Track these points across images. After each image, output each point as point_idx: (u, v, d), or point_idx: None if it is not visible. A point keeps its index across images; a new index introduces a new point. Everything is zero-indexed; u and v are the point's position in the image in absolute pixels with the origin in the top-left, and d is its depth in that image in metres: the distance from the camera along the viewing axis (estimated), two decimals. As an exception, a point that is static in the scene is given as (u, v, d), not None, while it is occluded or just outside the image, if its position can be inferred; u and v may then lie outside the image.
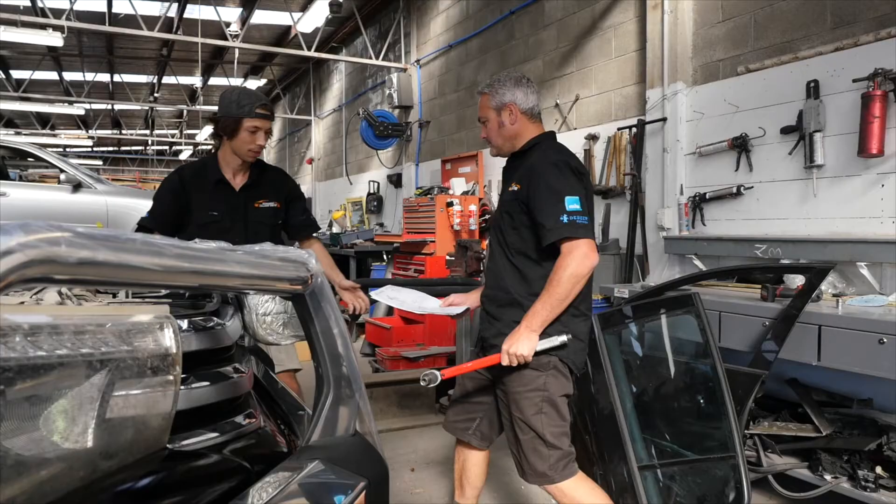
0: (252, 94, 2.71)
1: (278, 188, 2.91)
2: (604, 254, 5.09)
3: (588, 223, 2.09)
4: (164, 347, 0.90)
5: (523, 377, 2.18)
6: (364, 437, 1.08)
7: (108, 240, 0.64)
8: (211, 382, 1.03)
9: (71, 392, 0.77)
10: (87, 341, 0.82)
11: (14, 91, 14.52)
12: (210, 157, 2.84)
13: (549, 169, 2.14)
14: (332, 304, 1.03)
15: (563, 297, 2.08)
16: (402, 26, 9.94)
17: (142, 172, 28.07)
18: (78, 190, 7.10)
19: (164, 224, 2.74)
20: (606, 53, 5.73)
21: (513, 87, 2.29)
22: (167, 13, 9.90)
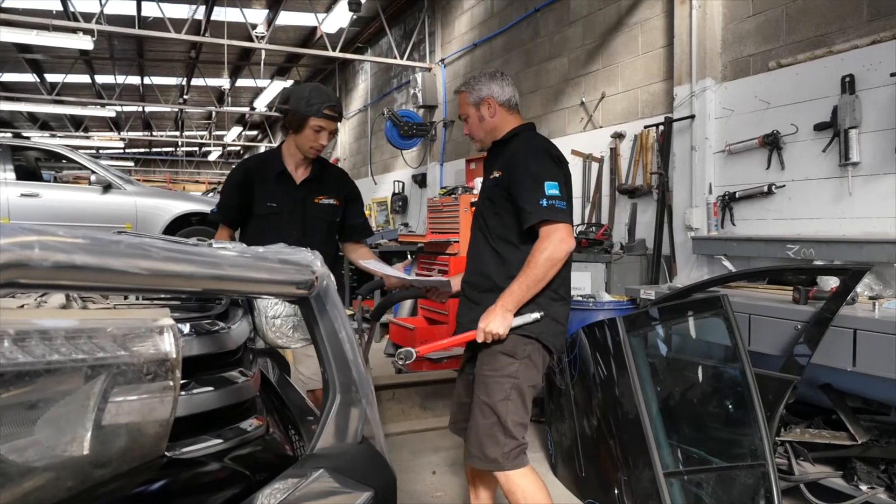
0: (323, 94, 2.71)
1: (339, 186, 2.92)
2: (630, 254, 5.00)
3: (566, 208, 2.15)
4: (162, 352, 0.87)
5: (497, 362, 2.22)
6: (371, 444, 1.04)
7: (89, 243, 0.61)
8: (214, 388, 1.00)
9: (60, 399, 0.74)
10: (81, 346, 0.79)
11: (48, 94, 14.82)
12: (275, 149, 2.89)
13: (529, 155, 2.21)
14: (338, 307, 0.99)
15: (539, 279, 2.13)
16: (427, 25, 9.92)
17: (172, 173, 28.50)
18: (108, 191, 7.21)
19: (231, 217, 2.80)
20: (633, 50, 5.62)
21: (488, 82, 2.36)
22: (194, 15, 10.01)
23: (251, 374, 1.11)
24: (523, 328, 2.20)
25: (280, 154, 2.84)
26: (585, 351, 3.33)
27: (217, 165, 30.36)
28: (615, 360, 3.08)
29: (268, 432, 1.11)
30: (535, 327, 2.21)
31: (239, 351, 1.13)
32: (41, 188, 7.12)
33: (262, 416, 1.10)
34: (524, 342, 2.23)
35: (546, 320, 2.23)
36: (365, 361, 3.55)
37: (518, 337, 2.22)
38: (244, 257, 0.84)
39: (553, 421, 3.69)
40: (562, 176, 2.20)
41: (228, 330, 1.09)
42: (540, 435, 4.18)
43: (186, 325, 1.02)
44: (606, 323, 3.17)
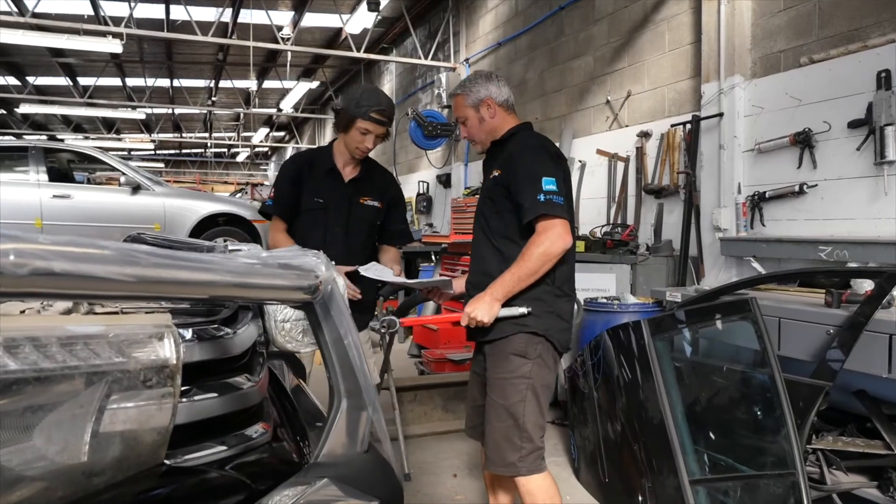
0: (374, 97, 2.71)
1: (383, 189, 2.92)
2: (656, 255, 4.91)
3: (564, 203, 2.15)
4: (161, 358, 0.84)
5: (510, 363, 2.20)
6: (378, 452, 1.01)
7: (69, 250, 0.59)
8: (217, 394, 0.98)
9: (52, 407, 0.72)
10: (77, 353, 0.77)
11: (80, 97, 15.12)
12: (327, 145, 2.92)
13: (526, 152, 2.22)
14: (343, 312, 0.96)
15: (532, 273, 2.13)
16: (451, 25, 9.89)
17: (202, 174, 28.90)
18: (137, 192, 7.32)
19: (285, 210, 2.83)
20: (659, 47, 5.53)
21: (485, 83, 2.36)
22: (221, 18, 10.11)
23: (257, 379, 1.08)
24: (528, 325, 2.19)
25: (331, 151, 2.87)
26: (609, 354, 3.27)
27: (245, 166, 30.73)
28: (640, 364, 3.02)
29: (274, 439, 1.08)
30: (540, 324, 2.20)
31: (245, 356, 1.11)
32: (73, 189, 7.26)
33: (268, 423, 1.07)
34: (534, 341, 2.21)
35: (551, 317, 2.23)
36: (386, 363, 3.54)
37: (528, 336, 2.21)
38: (242, 263, 0.81)
39: (576, 424, 3.63)
40: (560, 172, 2.21)
41: (232, 335, 1.07)
42: (563, 438, 4.12)
43: (189, 331, 1.00)
44: (631, 326, 3.11)
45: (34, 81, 15.01)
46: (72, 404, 0.75)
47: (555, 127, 7.07)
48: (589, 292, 4.59)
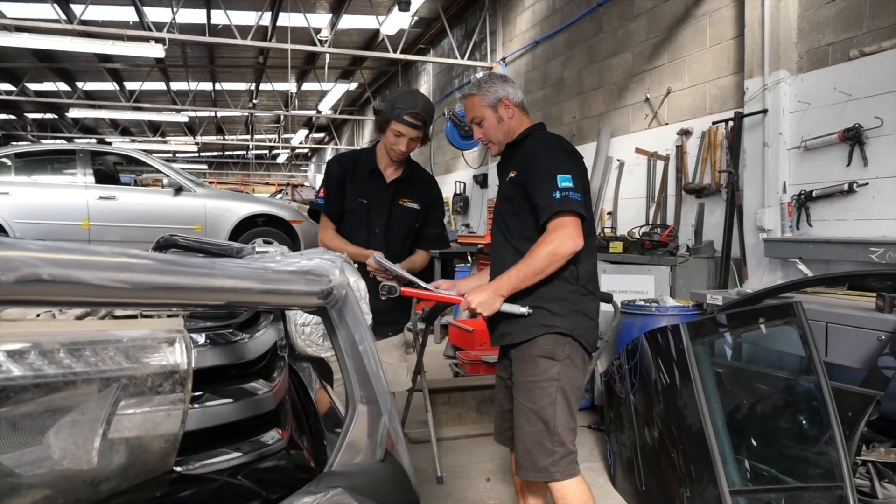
0: (410, 100, 2.71)
1: (423, 192, 2.92)
2: (696, 257, 4.78)
3: (581, 199, 2.11)
4: (171, 364, 0.83)
5: (537, 366, 2.17)
6: (394, 462, 0.98)
7: (59, 257, 0.57)
8: (232, 399, 0.96)
9: (57, 414, 0.71)
10: (86, 358, 0.76)
11: (127, 101, 15.55)
12: (370, 147, 2.94)
13: (541, 151, 2.21)
14: (358, 317, 0.93)
15: (537, 272, 2.10)
16: (488, 24, 9.85)
17: (244, 176, 29.43)
18: (179, 193, 7.47)
19: (336, 210, 2.87)
20: (701, 43, 5.38)
21: (503, 83, 2.35)
22: (260, 22, 10.26)
23: (274, 384, 1.06)
24: (555, 326, 2.16)
25: (374, 152, 2.89)
26: (647, 358, 3.19)
27: (285, 167, 31.18)
28: (678, 369, 2.93)
29: (291, 446, 1.06)
30: (566, 324, 2.17)
31: (262, 360, 1.09)
32: (118, 191, 7.45)
33: (285, 429, 1.05)
34: (562, 342, 2.18)
35: (577, 316, 2.19)
36: (419, 364, 3.51)
37: (555, 336, 2.17)
38: (248, 268, 0.79)
39: (612, 430, 3.55)
40: (576, 168, 2.18)
41: (247, 340, 1.05)
42: (599, 444, 4.04)
43: (202, 335, 0.98)
44: (669, 329, 3.03)
45: (83, 87, 15.49)
46: (77, 411, 0.74)
47: (593, 126, 6.96)
48: (627, 294, 4.49)
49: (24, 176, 7.27)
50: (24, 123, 20.15)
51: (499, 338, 2.33)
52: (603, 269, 4.83)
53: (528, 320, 2.19)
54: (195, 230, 7.45)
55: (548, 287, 2.18)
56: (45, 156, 7.79)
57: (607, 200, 6.57)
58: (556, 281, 2.18)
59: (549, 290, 2.18)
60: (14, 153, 7.60)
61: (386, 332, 2.88)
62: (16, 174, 7.25)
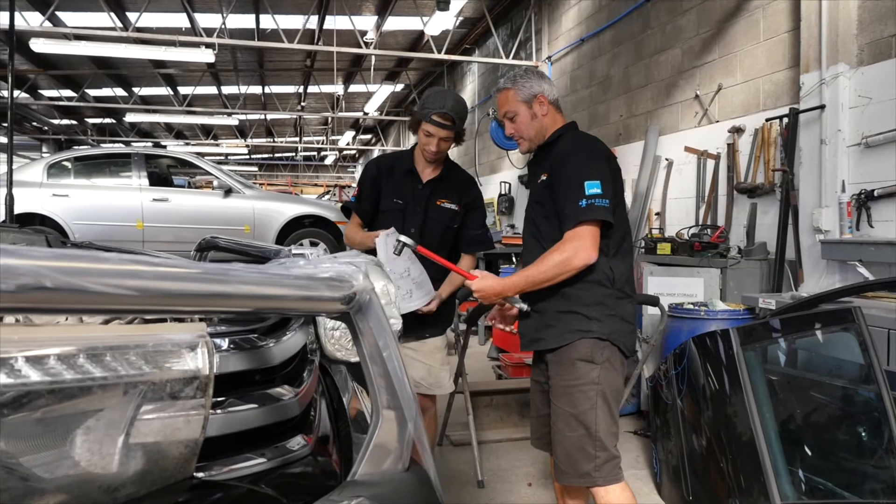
0: (439, 100, 2.69)
1: (461, 192, 2.88)
2: (748, 259, 4.61)
3: (608, 205, 2.06)
4: (192, 369, 0.82)
5: (577, 370, 2.13)
6: (420, 472, 0.95)
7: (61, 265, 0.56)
8: (256, 405, 0.95)
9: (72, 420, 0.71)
10: (105, 364, 0.75)
11: (180, 105, 16.00)
12: (409, 148, 2.94)
13: (571, 155, 2.15)
14: (382, 323, 0.91)
15: (545, 280, 2.08)
16: (533, 23, 9.76)
17: (293, 177, 29.94)
18: (229, 195, 7.62)
19: (367, 209, 2.89)
20: (753, 37, 5.19)
21: (538, 79, 2.29)
22: (306, 25, 10.40)
23: (300, 389, 1.05)
24: (592, 331, 2.12)
25: (412, 153, 2.88)
26: (695, 363, 3.09)
27: (333, 169, 31.60)
28: (728, 375, 2.83)
29: (318, 452, 1.04)
30: (604, 328, 2.13)
31: (287, 365, 1.08)
32: (170, 193, 7.65)
33: (311, 435, 1.03)
34: (600, 346, 2.13)
35: (615, 320, 2.15)
36: (460, 366, 3.48)
37: (592, 341, 2.12)
38: (264, 274, 0.77)
39: (659, 437, 3.46)
40: (607, 172, 2.12)
41: (272, 344, 1.04)
42: (645, 450, 3.93)
43: (225, 340, 0.97)
44: (719, 334, 2.92)
45: (139, 92, 16.01)
46: (95, 417, 0.73)
47: (640, 124, 6.81)
48: (674, 297, 4.36)
49: (83, 179, 7.53)
50: (85, 128, 20.97)
51: (530, 343, 2.29)
52: (650, 272, 4.71)
53: (561, 325, 2.15)
54: (244, 231, 7.59)
55: (582, 291, 2.14)
56: (101, 159, 8.06)
57: (655, 200, 6.42)
58: (591, 285, 2.14)
59: (584, 295, 2.13)
60: (73, 157, 7.89)
61: (423, 334, 2.86)
62: (75, 177, 7.52)
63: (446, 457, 3.90)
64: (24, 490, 0.66)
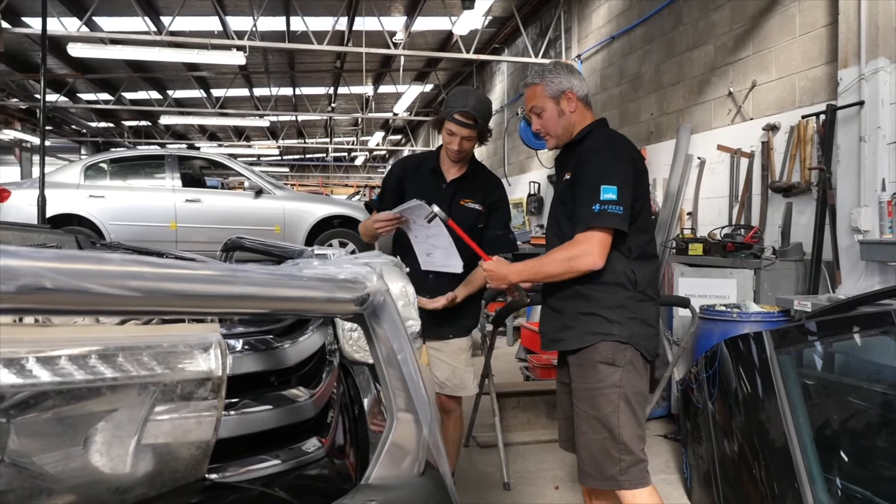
0: (460, 98, 2.68)
1: (485, 192, 2.86)
2: (783, 260, 4.50)
3: (622, 213, 2.02)
4: (205, 370, 0.81)
5: (598, 373, 2.10)
6: (435, 477, 0.93)
7: (61, 267, 0.55)
8: (271, 406, 0.94)
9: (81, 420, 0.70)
10: (117, 365, 0.75)
11: (213, 108, 16.25)
12: (437, 148, 2.94)
13: (592, 156, 2.12)
14: (397, 325, 0.89)
15: (550, 275, 2.11)
16: (563, 21, 9.68)
17: (324, 178, 30.18)
18: (259, 195, 7.71)
19: (387, 207, 2.88)
20: (789, 32, 5.06)
21: (568, 75, 2.24)
22: (336, 27, 10.47)
23: (316, 390, 1.04)
24: (613, 334, 2.10)
25: (438, 153, 2.88)
26: (727, 367, 3.02)
27: (364, 169, 31.78)
28: (761, 379, 2.75)
29: (334, 454, 1.03)
30: (625, 332, 2.10)
31: (304, 366, 1.07)
32: (202, 194, 7.77)
33: (326, 437, 1.02)
34: (621, 349, 2.10)
35: (636, 323, 2.12)
36: (487, 367, 3.45)
37: (613, 344, 2.10)
38: (273, 275, 0.76)
39: (689, 441, 3.39)
40: (629, 176, 2.08)
41: (287, 346, 1.03)
42: (675, 455, 3.86)
43: (239, 341, 0.97)
44: (752, 336, 2.85)
45: (173, 94, 16.30)
46: (105, 417, 0.73)
47: (671, 122, 6.69)
48: (706, 299, 4.28)
49: (119, 180, 7.68)
50: (122, 130, 21.43)
51: (550, 342, 2.27)
52: (681, 272, 4.63)
53: (581, 327, 2.12)
54: (274, 232, 7.67)
55: (603, 293, 2.11)
56: (136, 161, 8.22)
57: (687, 200, 6.30)
58: (612, 287, 2.10)
59: (605, 297, 2.10)
60: (109, 159, 8.06)
61: (447, 334, 2.84)
62: (111, 179, 7.67)
63: (473, 458, 3.87)
64: (34, 489, 0.66)
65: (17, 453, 0.67)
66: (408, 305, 1.17)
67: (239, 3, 10.03)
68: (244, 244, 2.39)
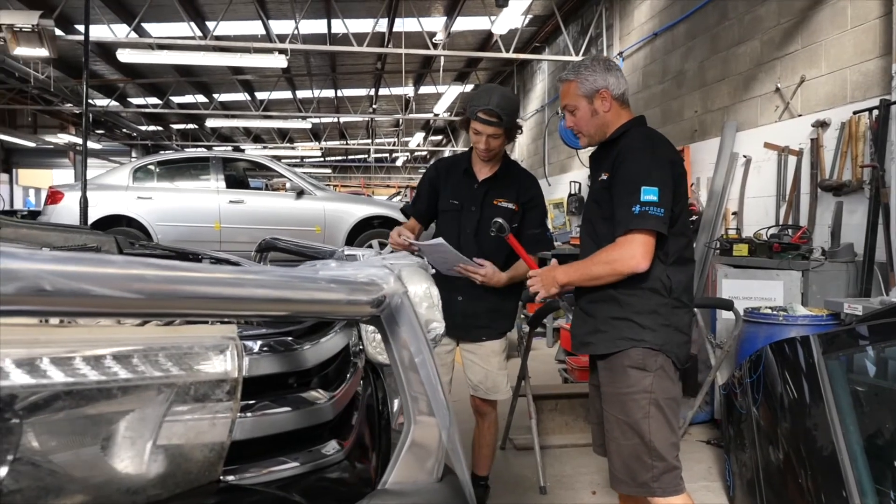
0: (484, 96, 2.65)
1: (519, 191, 2.83)
2: (833, 261, 4.33)
3: (663, 216, 1.96)
4: (220, 372, 0.81)
5: (629, 377, 2.06)
6: (453, 483, 0.91)
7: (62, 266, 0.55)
8: (288, 408, 0.94)
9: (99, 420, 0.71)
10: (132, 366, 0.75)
11: (257, 110, 16.55)
12: (469, 149, 2.93)
13: (631, 156, 2.06)
14: (414, 327, 0.87)
15: (594, 278, 2.05)
16: (604, 19, 9.56)
17: (366, 179, 30.45)
18: (301, 196, 7.81)
19: (421, 211, 2.92)
20: (840, 24, 4.88)
21: (604, 72, 2.15)
22: (376, 28, 10.53)
23: (336, 392, 1.03)
24: (644, 340, 2.05)
25: (470, 153, 2.87)
26: (772, 371, 2.92)
27: (405, 170, 31.95)
28: (808, 385, 2.66)
29: (354, 458, 1.02)
30: (657, 338, 2.05)
31: (325, 368, 1.06)
32: (246, 195, 7.92)
33: (346, 439, 1.01)
34: (652, 355, 2.05)
35: (669, 330, 2.07)
36: (523, 369, 3.40)
37: (644, 350, 2.05)
38: (284, 277, 0.75)
39: (732, 448, 3.29)
40: (668, 177, 2.02)
41: (306, 347, 1.02)
42: (718, 461, 3.75)
43: (256, 343, 0.97)
44: (798, 340, 2.75)
45: (219, 98, 16.68)
46: (119, 418, 0.73)
47: (716, 120, 6.53)
48: (751, 301, 4.15)
49: (166, 182, 7.88)
50: (170, 133, 22.02)
51: (580, 345, 2.23)
52: (724, 274, 4.51)
53: (613, 332, 2.08)
54: (315, 232, 7.75)
55: (636, 298, 2.05)
56: (182, 163, 8.42)
57: (732, 200, 6.14)
58: (646, 292, 2.05)
59: (638, 302, 2.05)
60: (156, 161, 8.28)
61: (480, 337, 2.81)
62: (158, 180, 7.88)
63: (509, 461, 3.84)
64: (46, 488, 0.67)
65: (30, 452, 0.68)
66: (432, 307, 1.16)
67: (281, 6, 10.19)
68: (277, 245, 2.41)
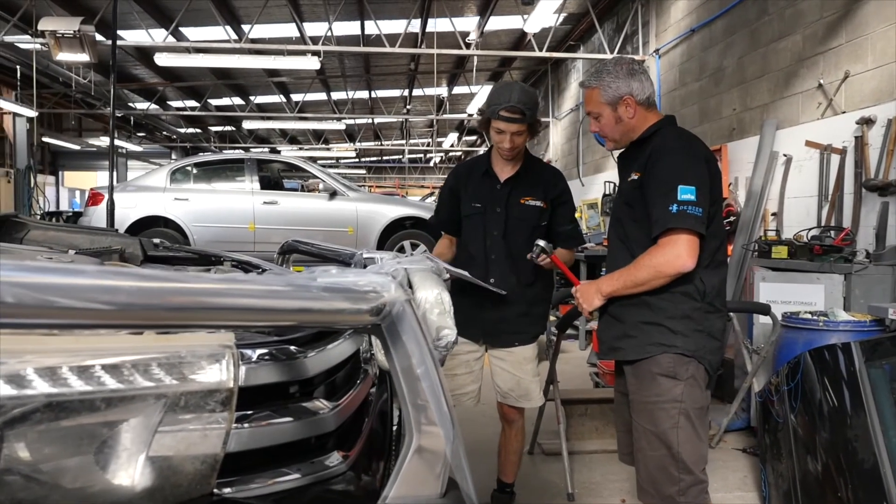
0: (503, 94, 2.58)
1: (546, 188, 2.76)
2: (878, 264, 4.16)
3: (701, 215, 1.91)
4: (214, 381, 0.79)
5: (658, 386, 2.02)
6: (457, 498, 0.87)
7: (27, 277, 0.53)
8: (287, 419, 0.91)
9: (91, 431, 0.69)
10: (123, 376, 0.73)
11: (292, 112, 16.74)
12: (486, 151, 2.89)
13: (664, 155, 2.01)
14: (417, 336, 0.84)
15: (639, 283, 1.98)
16: (640, 16, 9.40)
17: (400, 179, 30.57)
18: (334, 197, 7.85)
19: (445, 220, 2.89)
20: (887, 17, 4.69)
21: (627, 78, 2.09)
22: (408, 29, 10.55)
23: (339, 402, 1.00)
24: (676, 346, 2.00)
25: (489, 154, 2.81)
26: (811, 379, 2.82)
27: (439, 170, 31.98)
28: (849, 393, 2.55)
29: (358, 469, 0.99)
30: (689, 344, 2.00)
31: (330, 376, 1.03)
32: (279, 196, 8.00)
33: (349, 450, 0.98)
34: (684, 361, 1.99)
35: (701, 336, 2.02)
36: (552, 373, 3.34)
37: (676, 356, 1.99)
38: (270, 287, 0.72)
39: (768, 457, 3.18)
40: (703, 177, 1.97)
41: (308, 356, 0.99)
42: (753, 470, 3.63)
43: (255, 352, 0.94)
44: (839, 347, 2.66)
45: (255, 100, 16.91)
46: (108, 429, 0.71)
47: (755, 118, 6.35)
48: (790, 306, 4.01)
49: (202, 183, 8.01)
50: (208, 136, 22.44)
51: (609, 350, 2.18)
52: (762, 277, 4.37)
53: (643, 337, 2.02)
54: (348, 233, 7.78)
55: (669, 302, 1.99)
56: (217, 165, 8.55)
57: (771, 200, 5.95)
58: (678, 296, 1.98)
59: (670, 307, 1.99)
60: (193, 163, 8.42)
61: (512, 342, 2.75)
62: (194, 182, 8.01)
63: (537, 466, 3.78)
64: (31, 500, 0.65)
65: (17, 464, 0.66)
66: (444, 314, 1.12)
67: (315, 8, 10.27)
68: (299, 247, 2.41)
